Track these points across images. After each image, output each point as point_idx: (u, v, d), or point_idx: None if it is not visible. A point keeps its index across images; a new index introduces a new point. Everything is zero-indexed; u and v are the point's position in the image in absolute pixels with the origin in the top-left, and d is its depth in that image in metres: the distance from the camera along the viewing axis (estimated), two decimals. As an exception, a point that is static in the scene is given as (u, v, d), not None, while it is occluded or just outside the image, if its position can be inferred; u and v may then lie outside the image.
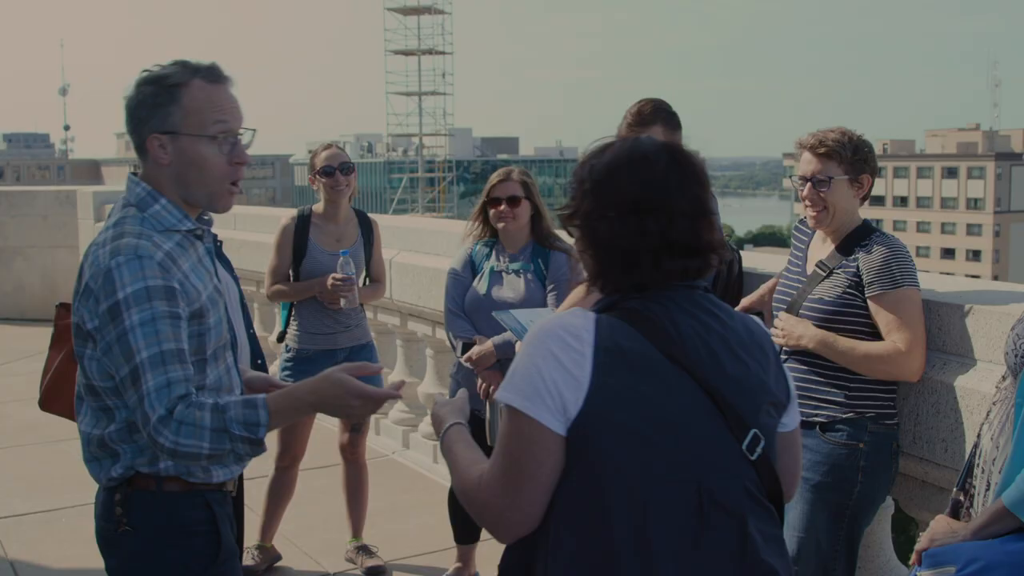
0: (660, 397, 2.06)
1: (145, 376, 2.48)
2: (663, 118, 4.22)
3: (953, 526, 2.79)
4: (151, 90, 2.64)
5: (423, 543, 5.78)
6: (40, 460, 7.12)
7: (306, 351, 5.38)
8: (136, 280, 2.51)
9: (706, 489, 2.06)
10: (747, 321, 2.27)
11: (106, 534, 2.73)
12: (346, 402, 2.64)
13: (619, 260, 2.18)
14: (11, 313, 12.80)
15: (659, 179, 2.16)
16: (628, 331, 2.09)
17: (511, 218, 4.80)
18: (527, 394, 2.07)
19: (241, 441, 2.52)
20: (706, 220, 2.19)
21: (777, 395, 2.23)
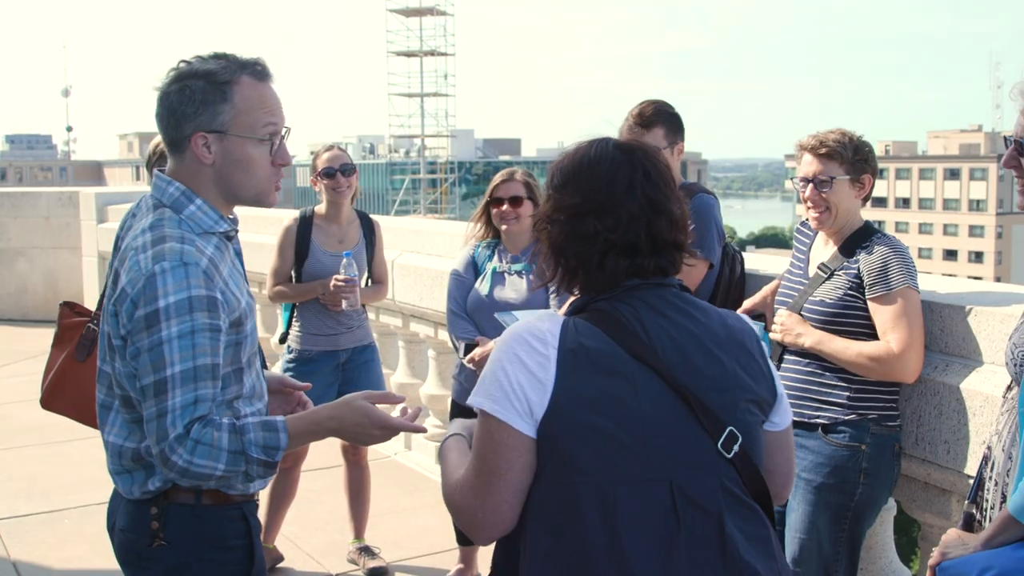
0: (626, 396, 2.07)
1: (173, 391, 2.39)
2: (664, 120, 4.22)
3: (964, 538, 2.77)
4: (200, 86, 2.51)
5: (425, 544, 5.78)
6: (42, 461, 7.13)
7: (308, 352, 5.38)
8: (180, 289, 2.41)
9: (679, 487, 2.06)
10: (726, 318, 2.27)
11: (137, 548, 2.63)
12: (368, 431, 2.61)
13: (567, 262, 2.24)
14: (13, 314, 12.82)
15: (603, 181, 2.19)
16: (593, 332, 2.11)
17: (514, 218, 4.80)
18: (495, 397, 2.10)
19: (257, 464, 2.47)
20: (664, 220, 2.20)
21: (758, 392, 2.22)
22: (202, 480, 2.45)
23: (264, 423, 2.51)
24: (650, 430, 2.07)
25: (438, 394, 6.95)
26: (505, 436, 2.09)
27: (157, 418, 2.40)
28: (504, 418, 2.08)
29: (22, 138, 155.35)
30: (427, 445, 7.21)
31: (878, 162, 3.92)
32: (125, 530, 2.65)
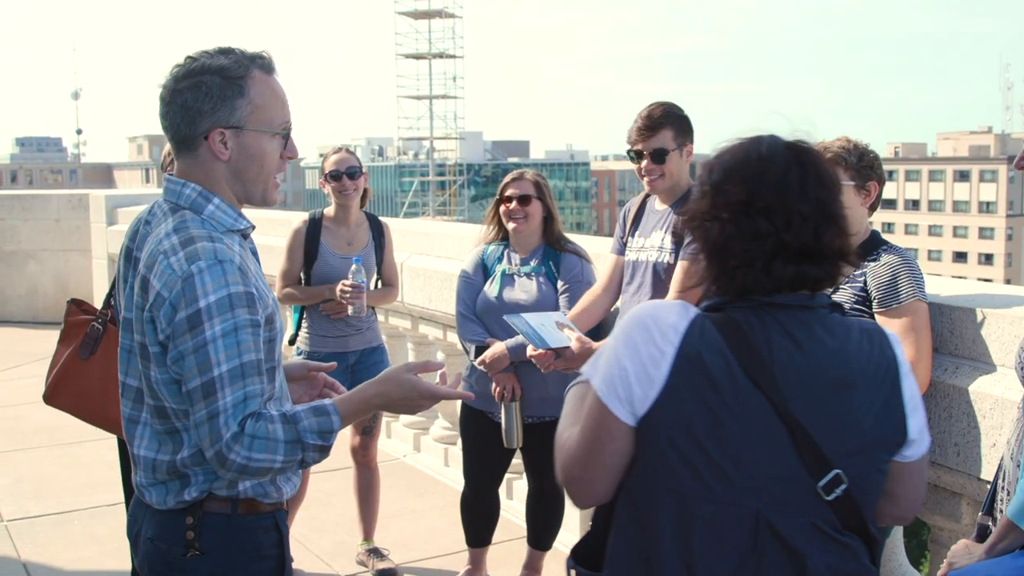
0: (728, 417, 1.99)
1: (223, 391, 2.36)
2: (672, 121, 4.21)
3: (971, 548, 2.76)
4: (217, 81, 2.47)
5: (434, 546, 5.79)
6: (52, 462, 7.16)
7: (317, 354, 5.38)
8: (219, 287, 2.38)
9: (764, 519, 2.00)
10: (870, 348, 2.11)
11: (168, 558, 2.58)
12: (416, 403, 2.62)
13: (729, 263, 2.09)
14: (24, 316, 12.86)
15: (775, 179, 2.07)
16: (718, 343, 2.01)
17: (522, 217, 4.80)
18: (604, 377, 2.07)
19: (313, 450, 2.45)
20: (832, 225, 2.08)
21: (885, 435, 2.09)
22: (260, 475, 2.44)
23: (314, 408, 2.49)
24: (747, 456, 2.00)
25: (447, 396, 6.94)
26: (605, 418, 2.07)
27: (208, 420, 2.36)
28: (606, 402, 2.06)
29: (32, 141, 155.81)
30: (436, 447, 7.21)
31: (887, 164, 3.91)
32: (155, 539, 2.59)
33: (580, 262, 4.82)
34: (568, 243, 4.89)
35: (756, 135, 2.17)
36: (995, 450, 3.41)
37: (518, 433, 4.77)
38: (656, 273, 4.23)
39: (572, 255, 4.83)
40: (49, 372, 4.00)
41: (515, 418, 4.75)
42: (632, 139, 4.26)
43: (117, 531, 5.65)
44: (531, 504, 5.12)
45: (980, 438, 3.51)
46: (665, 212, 4.29)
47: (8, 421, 8.35)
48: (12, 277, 13.03)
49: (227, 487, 2.54)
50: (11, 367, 10.39)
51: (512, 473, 5.92)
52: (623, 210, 4.63)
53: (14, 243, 13.02)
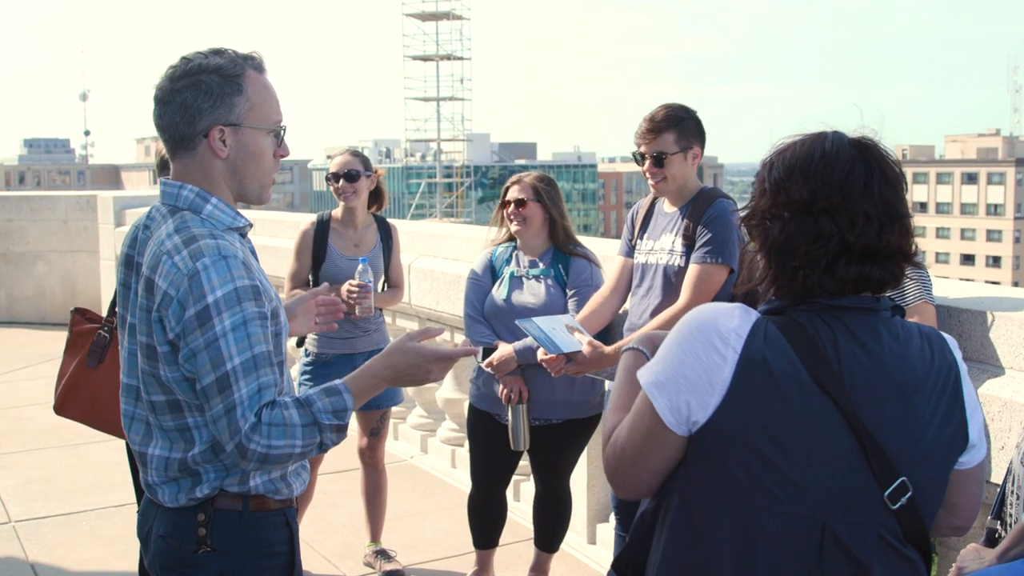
0: (795, 423, 1.92)
1: (237, 384, 2.39)
2: (674, 124, 4.19)
3: (981, 552, 2.75)
4: (215, 80, 2.52)
5: (441, 548, 5.79)
6: (60, 463, 7.17)
7: (325, 355, 5.39)
8: (225, 282, 2.41)
9: (830, 529, 1.94)
10: (932, 352, 2.07)
11: (180, 555, 2.59)
12: (424, 369, 2.64)
13: (791, 263, 2.02)
14: (32, 317, 12.89)
15: (839, 177, 1.99)
16: (782, 345, 1.95)
17: (521, 220, 4.80)
18: (659, 383, 2.00)
19: (331, 431, 2.49)
20: (898, 225, 2.02)
21: (948, 441, 2.04)
22: (282, 462, 2.46)
23: (326, 390, 2.52)
24: (814, 463, 1.93)
25: (455, 398, 6.96)
26: (655, 426, 2.01)
27: (226, 414, 2.39)
28: (658, 408, 1.99)
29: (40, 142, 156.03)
30: (443, 449, 7.21)
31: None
32: (167, 537, 2.60)
33: (589, 266, 4.81)
34: (578, 246, 4.88)
35: (819, 131, 2.10)
36: (1004, 453, 3.41)
37: (525, 436, 4.76)
38: (667, 276, 4.22)
39: (581, 259, 4.82)
40: (57, 383, 4.01)
41: (522, 421, 4.75)
42: (636, 141, 4.27)
43: (125, 532, 5.67)
44: (538, 506, 5.11)
45: (988, 441, 3.50)
46: (675, 215, 4.28)
47: (16, 422, 8.37)
48: (20, 278, 13.05)
49: (238, 483, 2.56)
50: (19, 368, 10.41)
51: (519, 475, 5.92)
52: (631, 212, 4.62)
53: (22, 244, 13.05)
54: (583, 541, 5.74)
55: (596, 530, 5.74)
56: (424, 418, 7.60)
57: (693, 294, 4.06)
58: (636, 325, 4.29)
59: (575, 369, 4.31)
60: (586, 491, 5.71)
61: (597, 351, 4.23)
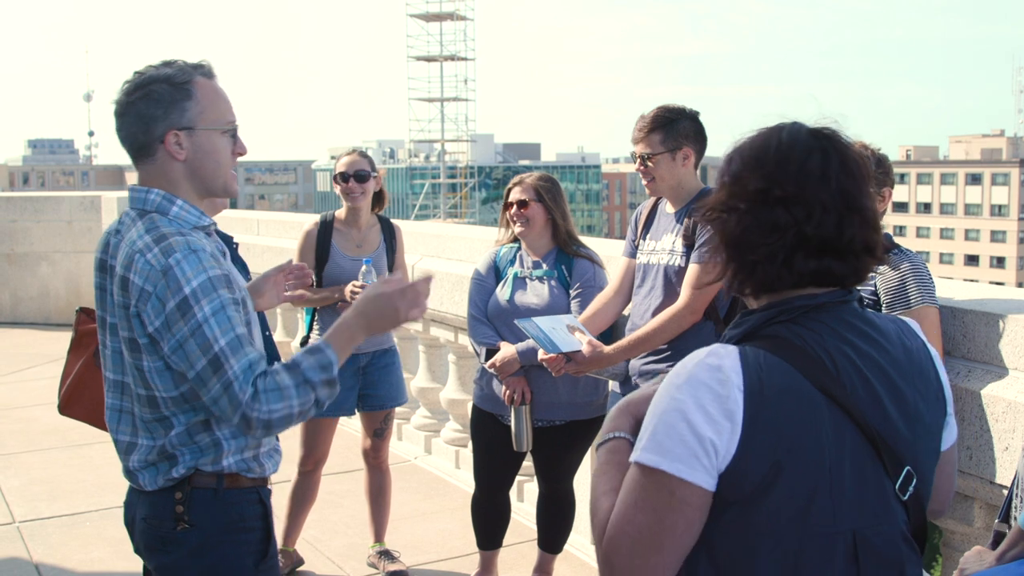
0: (816, 442, 1.83)
1: (228, 362, 2.56)
2: (662, 125, 4.19)
3: (983, 555, 2.75)
4: (165, 88, 2.71)
5: (445, 548, 5.79)
6: (64, 464, 7.17)
7: (329, 356, 5.39)
8: (199, 272, 2.59)
9: (862, 538, 1.87)
10: (904, 337, 2.03)
11: (161, 533, 2.79)
12: (393, 304, 2.76)
13: (749, 257, 1.96)
14: (36, 318, 12.91)
15: (795, 167, 1.93)
16: (779, 365, 1.85)
17: (523, 220, 4.81)
18: (678, 455, 1.82)
19: (322, 386, 2.64)
20: (857, 216, 1.94)
21: (935, 422, 2.02)
22: (285, 424, 2.61)
23: (309, 350, 2.67)
24: (838, 477, 1.85)
25: (458, 398, 6.96)
26: (689, 495, 1.82)
27: (225, 392, 2.55)
28: (689, 478, 1.81)
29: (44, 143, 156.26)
30: (447, 449, 7.21)
31: (899, 167, 3.90)
32: (148, 518, 2.80)
33: (593, 267, 4.81)
34: (581, 247, 4.88)
35: (778, 123, 2.03)
36: (1008, 453, 3.41)
37: (528, 437, 4.76)
38: (667, 276, 4.23)
39: (585, 260, 4.82)
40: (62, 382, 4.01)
41: (525, 422, 4.75)
42: (631, 142, 4.31)
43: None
44: (542, 507, 5.12)
45: (992, 442, 3.51)
46: (675, 215, 4.29)
47: (20, 423, 8.38)
48: (24, 279, 13.08)
49: (212, 463, 2.75)
50: (23, 368, 10.43)
51: (523, 476, 5.92)
52: (635, 213, 4.62)
53: (26, 245, 13.07)
54: (586, 541, 5.74)
55: (600, 531, 5.73)
56: (428, 419, 7.60)
57: (693, 294, 4.07)
58: (637, 325, 4.30)
59: (575, 369, 4.31)
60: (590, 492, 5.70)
61: (597, 351, 4.23)
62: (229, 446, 2.77)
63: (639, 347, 4.21)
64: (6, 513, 6.29)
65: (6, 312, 13.17)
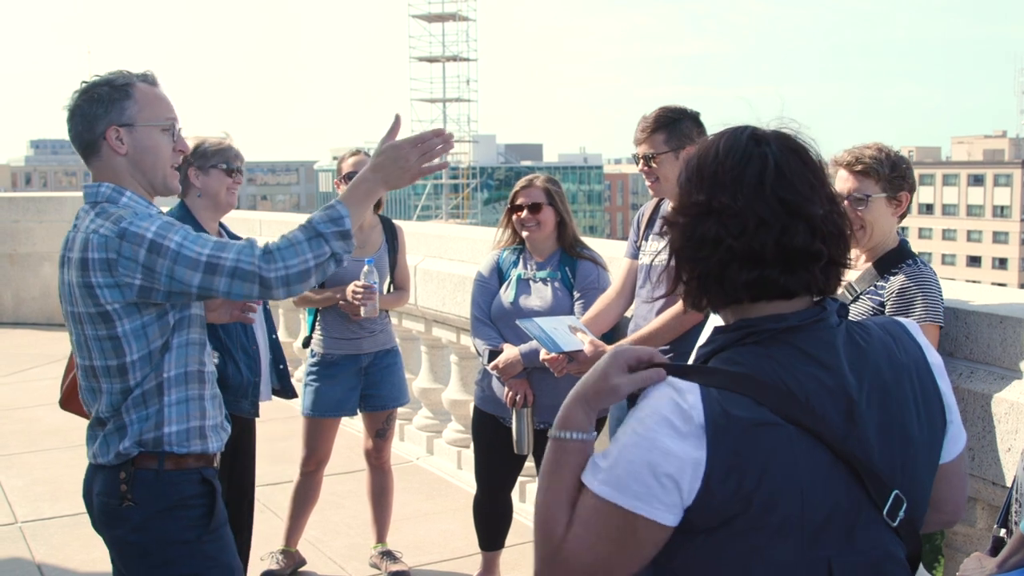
0: (783, 471, 1.75)
1: (221, 257, 2.78)
2: (665, 125, 4.18)
3: (983, 562, 2.74)
4: (105, 90, 2.96)
5: (447, 549, 5.79)
6: (67, 464, 7.15)
7: (331, 356, 5.39)
8: (153, 221, 2.83)
9: (838, 564, 1.80)
10: (893, 348, 1.93)
11: (108, 508, 3.03)
12: (404, 156, 2.89)
13: (692, 271, 1.91)
14: (38, 318, 12.91)
15: (730, 177, 1.85)
16: (741, 399, 1.76)
17: (534, 224, 4.80)
18: (638, 493, 1.76)
19: (334, 238, 2.82)
20: (802, 225, 1.83)
21: (929, 436, 1.93)
22: (305, 279, 2.81)
23: (323, 207, 2.88)
24: (808, 507, 1.77)
25: (460, 399, 6.96)
26: (647, 531, 1.78)
27: (234, 276, 2.79)
28: (647, 515, 1.76)
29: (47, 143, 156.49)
30: (449, 450, 7.21)
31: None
32: (100, 494, 3.05)
33: (596, 269, 4.81)
34: (584, 249, 4.87)
35: (725, 128, 1.96)
36: (1010, 455, 3.40)
37: (529, 439, 4.76)
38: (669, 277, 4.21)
39: (588, 262, 4.82)
40: (64, 377, 4.02)
41: (526, 424, 4.74)
42: (633, 143, 4.30)
43: (131, 533, 5.67)
44: (544, 507, 5.10)
45: (995, 443, 3.50)
46: (678, 216, 4.28)
47: (22, 423, 8.39)
48: (27, 279, 13.09)
49: (154, 428, 2.96)
50: (25, 369, 10.43)
51: (525, 476, 5.92)
52: (637, 214, 4.62)
53: (28, 245, 13.08)
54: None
55: (602, 531, 5.73)
56: (430, 419, 7.60)
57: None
58: (640, 326, 4.29)
59: (577, 368, 4.31)
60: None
61: (599, 350, 4.22)
62: (171, 413, 2.98)
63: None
64: (8, 513, 6.30)
65: (8, 312, 13.18)
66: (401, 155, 2.89)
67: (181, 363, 3.00)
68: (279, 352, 4.78)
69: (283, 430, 7.36)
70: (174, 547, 3.01)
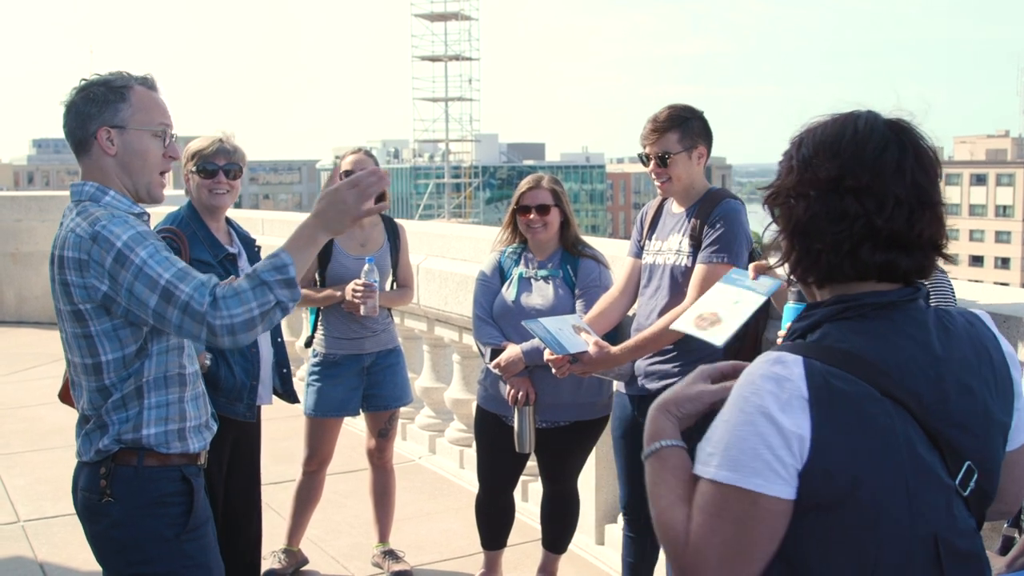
0: (886, 445, 1.79)
1: (179, 287, 2.77)
2: (677, 124, 4.18)
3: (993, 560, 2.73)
4: (102, 90, 2.99)
5: (449, 548, 5.79)
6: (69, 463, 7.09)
7: (333, 356, 5.39)
8: (126, 229, 2.84)
9: (943, 539, 1.83)
10: (975, 333, 1.99)
11: (89, 504, 3.05)
12: (341, 197, 2.90)
13: (815, 245, 1.92)
14: (41, 317, 12.91)
15: (870, 157, 1.89)
16: (842, 373, 1.80)
17: (540, 226, 4.79)
18: (756, 470, 1.78)
19: (278, 286, 2.80)
20: (929, 212, 1.90)
21: (1004, 418, 1.97)
22: (250, 328, 2.80)
23: (268, 256, 2.87)
24: (911, 480, 1.81)
25: (463, 398, 6.96)
26: (770, 505, 1.78)
27: (184, 311, 2.77)
28: (768, 491, 1.77)
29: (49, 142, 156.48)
30: (451, 449, 7.21)
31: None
32: (83, 489, 3.07)
33: (598, 267, 4.80)
34: (586, 247, 4.87)
35: (853, 111, 1.98)
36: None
37: (531, 438, 4.75)
38: (673, 277, 4.22)
39: (590, 260, 4.81)
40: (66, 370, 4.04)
41: (528, 422, 4.74)
42: (641, 142, 4.27)
43: (133, 532, 5.66)
44: (546, 507, 5.11)
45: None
46: (682, 215, 4.27)
47: (25, 422, 8.39)
48: (29, 278, 13.08)
49: (133, 430, 2.98)
50: (28, 367, 10.44)
51: (527, 475, 5.92)
52: (640, 213, 4.61)
53: (31, 244, 13.07)
54: (591, 542, 5.73)
55: (604, 531, 5.74)
56: (432, 418, 7.60)
57: (699, 294, 4.05)
58: (643, 325, 4.28)
59: (581, 369, 4.30)
60: (594, 492, 5.70)
61: (603, 351, 4.22)
62: (151, 415, 3.00)
63: (645, 347, 4.20)
64: (11, 512, 6.30)
65: (11, 311, 13.18)
66: (339, 199, 2.90)
67: (161, 367, 3.01)
68: (283, 355, 4.76)
69: (285, 429, 7.36)
70: (152, 544, 3.03)
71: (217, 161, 4.49)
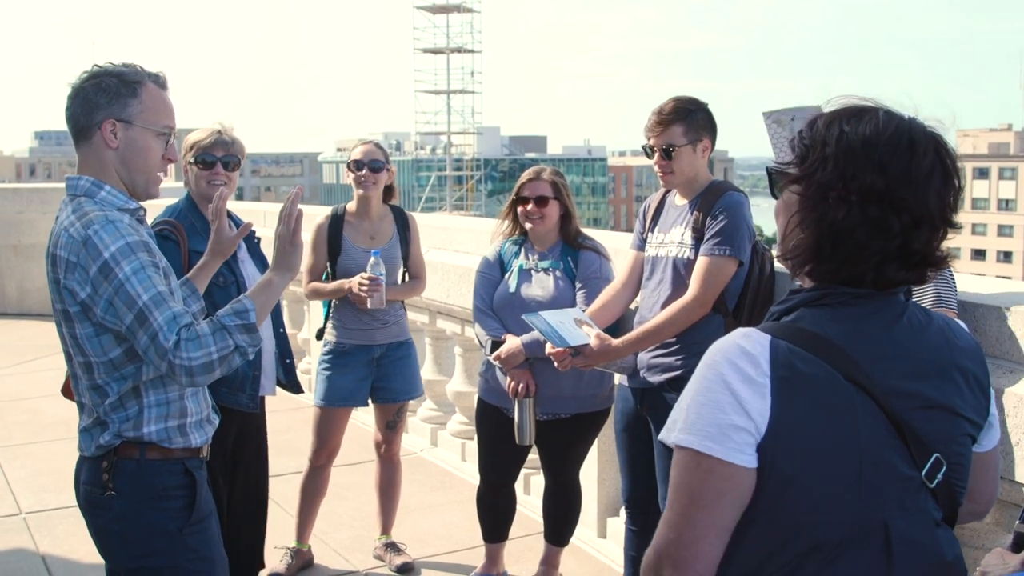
0: (845, 430, 1.81)
1: (153, 314, 2.80)
2: (682, 116, 4.17)
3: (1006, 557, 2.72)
4: (114, 82, 2.97)
5: (451, 541, 5.79)
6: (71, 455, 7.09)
7: (343, 345, 5.38)
8: (116, 239, 2.83)
9: (895, 528, 1.84)
10: (948, 332, 1.99)
11: (92, 497, 3.05)
12: (278, 237, 3.10)
13: (843, 251, 1.87)
14: (43, 309, 12.89)
15: (923, 176, 1.85)
16: (807, 355, 1.82)
17: (539, 218, 4.78)
18: (712, 435, 1.80)
19: (238, 331, 2.89)
20: (943, 229, 1.91)
21: (973, 418, 1.97)
22: (208, 371, 2.85)
23: (230, 304, 2.97)
24: (866, 468, 1.81)
25: (464, 391, 6.95)
26: (733, 474, 1.80)
27: (152, 342, 2.80)
28: (727, 457, 1.79)
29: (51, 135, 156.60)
30: (453, 442, 7.21)
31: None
32: (85, 483, 3.07)
33: (599, 259, 4.79)
34: (586, 240, 4.86)
35: (900, 114, 1.92)
36: (1020, 448, 3.39)
37: (531, 430, 4.75)
38: (676, 269, 4.20)
39: (590, 252, 4.80)
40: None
41: (528, 414, 4.73)
42: (645, 134, 4.25)
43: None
44: (548, 500, 5.11)
45: (1006, 437, 3.48)
46: (685, 207, 4.26)
47: (27, 414, 8.39)
48: (31, 270, 13.08)
49: (133, 428, 2.98)
50: (30, 360, 10.44)
51: (529, 468, 5.92)
52: (643, 205, 4.60)
53: (33, 236, 13.06)
54: (593, 535, 5.73)
55: (606, 524, 5.73)
56: (434, 411, 7.59)
57: (702, 286, 4.05)
58: (646, 318, 4.27)
59: (583, 362, 4.28)
60: (596, 485, 5.70)
61: (604, 344, 4.20)
62: (151, 413, 3.00)
63: (648, 340, 4.19)
64: (12, 504, 6.30)
65: (13, 303, 13.18)
66: (279, 242, 3.09)
67: None
68: (286, 346, 4.75)
69: (288, 422, 7.36)
70: (155, 537, 3.02)
71: (215, 153, 4.48)
